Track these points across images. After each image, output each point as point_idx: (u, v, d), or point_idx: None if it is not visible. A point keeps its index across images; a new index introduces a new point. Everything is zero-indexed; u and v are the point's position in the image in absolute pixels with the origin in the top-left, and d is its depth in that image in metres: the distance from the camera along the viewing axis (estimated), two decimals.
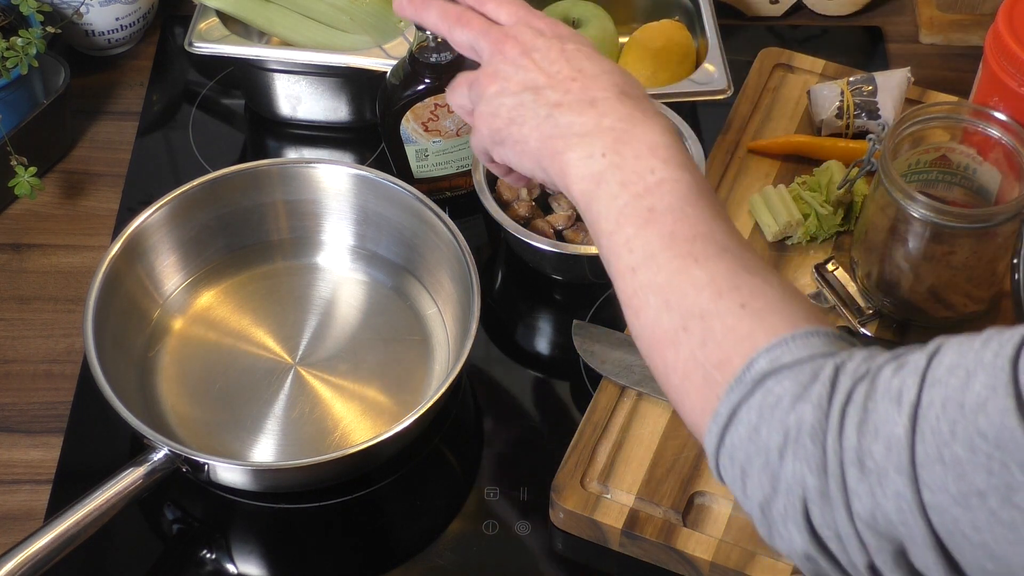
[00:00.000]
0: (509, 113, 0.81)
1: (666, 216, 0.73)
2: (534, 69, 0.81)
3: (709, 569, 0.94)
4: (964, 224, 0.98)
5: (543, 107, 0.79)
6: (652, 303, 0.72)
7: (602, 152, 0.76)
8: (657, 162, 0.75)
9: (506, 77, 0.82)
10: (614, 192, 0.75)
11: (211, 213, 1.10)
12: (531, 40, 0.82)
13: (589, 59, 0.81)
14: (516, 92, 0.81)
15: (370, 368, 1.07)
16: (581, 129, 0.77)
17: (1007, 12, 1.08)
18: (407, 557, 0.99)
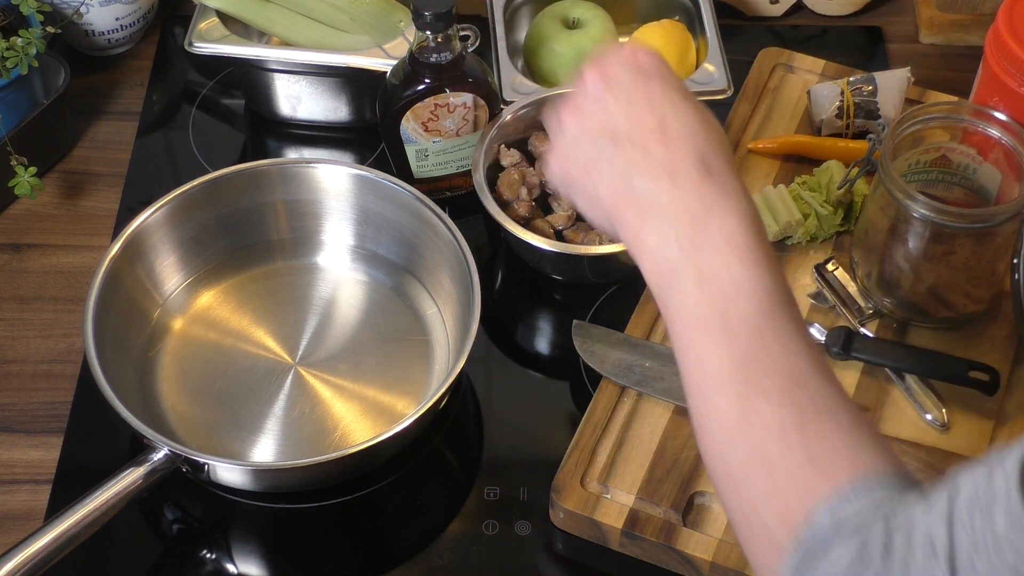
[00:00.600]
0: (585, 162, 0.78)
1: (741, 334, 0.69)
2: (615, 109, 0.76)
3: (709, 569, 0.94)
4: (964, 224, 0.98)
5: (620, 163, 0.75)
6: (717, 436, 0.69)
7: (676, 238, 0.72)
8: (735, 260, 0.71)
9: (586, 114, 0.78)
10: (688, 291, 0.71)
11: (211, 213, 1.10)
12: (614, 71, 0.78)
13: (674, 107, 0.76)
14: (595, 137, 0.77)
15: (370, 368, 1.07)
16: (656, 201, 0.73)
17: (1007, 12, 1.08)
18: (407, 557, 0.99)
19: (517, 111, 1.14)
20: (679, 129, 0.75)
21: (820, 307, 1.08)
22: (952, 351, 1.04)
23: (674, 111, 0.75)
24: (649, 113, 0.75)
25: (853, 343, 1.03)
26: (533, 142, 1.15)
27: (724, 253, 0.71)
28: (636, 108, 0.76)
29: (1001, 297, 1.07)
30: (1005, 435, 1.00)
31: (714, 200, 0.72)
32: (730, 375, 0.69)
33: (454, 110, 1.12)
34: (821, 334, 1.04)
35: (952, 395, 1.02)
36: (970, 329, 1.07)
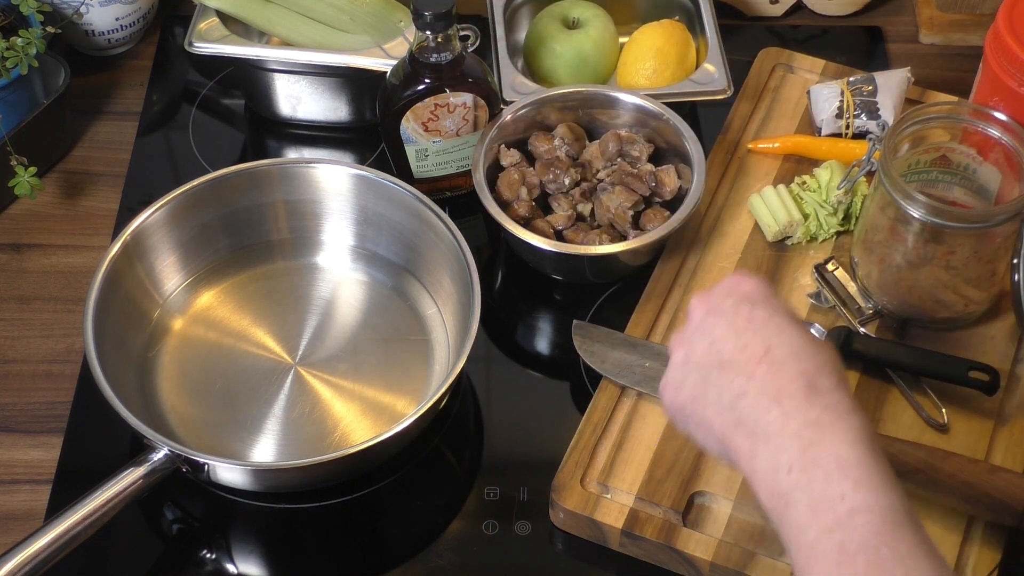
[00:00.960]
0: (692, 390, 0.78)
1: (858, 559, 0.67)
2: (719, 336, 0.77)
3: (709, 569, 0.94)
4: (964, 224, 0.98)
5: (727, 393, 0.75)
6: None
7: (788, 467, 0.71)
8: (848, 485, 0.69)
9: (691, 344, 0.79)
10: (803, 522, 0.70)
11: (211, 213, 1.10)
12: (718, 301, 0.79)
13: (779, 332, 0.76)
14: (701, 366, 0.78)
15: (370, 368, 1.07)
16: (765, 427, 0.73)
17: (1007, 12, 1.08)
18: (407, 557, 0.99)
19: (517, 111, 1.14)
20: (784, 352, 0.75)
21: (820, 307, 1.08)
22: (952, 351, 1.04)
23: (779, 334, 0.76)
24: (753, 338, 0.76)
25: (853, 343, 1.03)
26: (533, 142, 1.15)
27: (836, 478, 0.70)
28: (740, 335, 0.76)
29: (1001, 297, 1.07)
30: (1005, 435, 1.00)
31: (823, 422, 0.72)
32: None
33: (454, 110, 1.12)
34: (821, 334, 1.04)
35: (952, 395, 1.02)
36: (970, 329, 1.07)
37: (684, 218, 1.07)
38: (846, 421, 0.72)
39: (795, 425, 0.72)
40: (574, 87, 1.16)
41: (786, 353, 0.75)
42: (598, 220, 1.12)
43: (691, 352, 0.79)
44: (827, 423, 0.71)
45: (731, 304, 0.78)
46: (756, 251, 1.12)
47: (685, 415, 0.80)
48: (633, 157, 1.14)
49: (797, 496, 0.70)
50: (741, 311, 0.77)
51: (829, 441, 0.71)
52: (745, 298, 0.78)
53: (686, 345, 0.79)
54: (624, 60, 1.23)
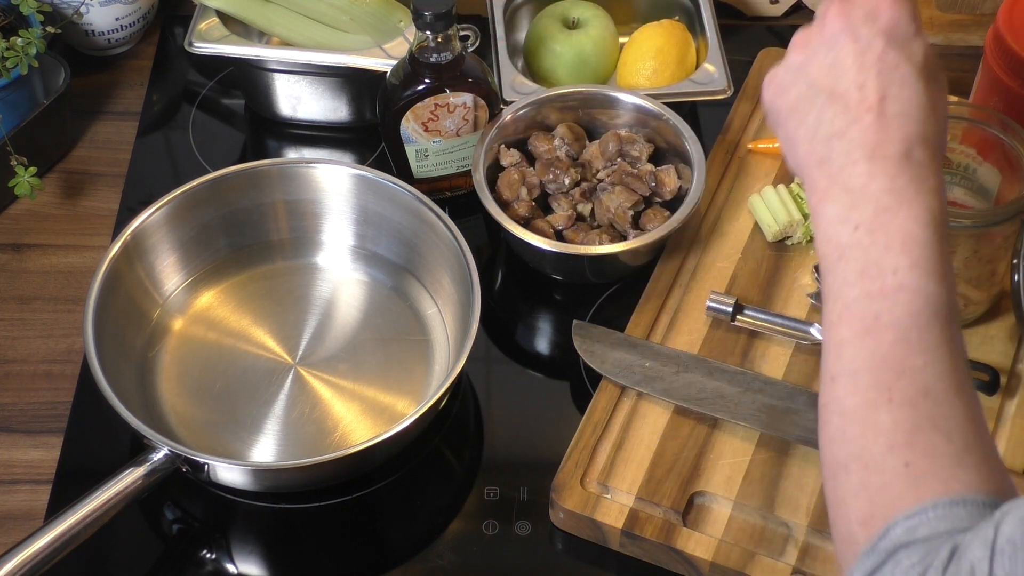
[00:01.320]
0: (795, 103, 0.76)
1: (887, 332, 0.68)
2: (842, 62, 0.74)
3: (709, 569, 0.94)
4: (964, 224, 0.98)
5: (826, 126, 0.74)
6: (832, 424, 0.70)
7: (855, 222, 0.71)
8: (905, 261, 0.69)
9: (813, 54, 0.76)
10: (850, 279, 0.70)
11: (211, 213, 1.10)
12: (858, 24, 0.75)
13: (902, 84, 0.73)
14: (813, 82, 0.76)
15: (370, 368, 1.07)
16: (848, 181, 0.72)
17: (1007, 12, 1.08)
18: (407, 557, 0.99)
19: (517, 111, 1.14)
20: (897, 108, 0.72)
21: (820, 307, 1.08)
22: None
23: (900, 86, 0.73)
24: (874, 81, 0.73)
25: None
26: (533, 142, 1.15)
27: (896, 251, 0.69)
28: (863, 71, 0.73)
29: (1001, 297, 1.07)
30: (1005, 435, 1.00)
31: (904, 196, 0.70)
32: (862, 371, 0.68)
33: (454, 110, 1.12)
34: (821, 334, 1.04)
35: None
36: (970, 329, 1.07)
37: (684, 218, 1.07)
38: (926, 199, 0.71)
39: (877, 187, 0.71)
40: (574, 87, 1.17)
41: (899, 110, 0.72)
42: (598, 220, 1.12)
43: (810, 62, 0.76)
44: (909, 195, 0.70)
45: (868, 33, 0.74)
46: (756, 251, 1.12)
47: (777, 120, 0.78)
48: (633, 157, 1.14)
49: (854, 254, 0.70)
50: (875, 45, 0.74)
51: (904, 213, 0.70)
52: (884, 32, 0.74)
53: (808, 52, 0.76)
54: (624, 60, 1.23)
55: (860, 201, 0.71)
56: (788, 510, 0.96)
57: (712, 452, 0.99)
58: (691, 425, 1.00)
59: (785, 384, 1.01)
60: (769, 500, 0.96)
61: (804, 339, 1.05)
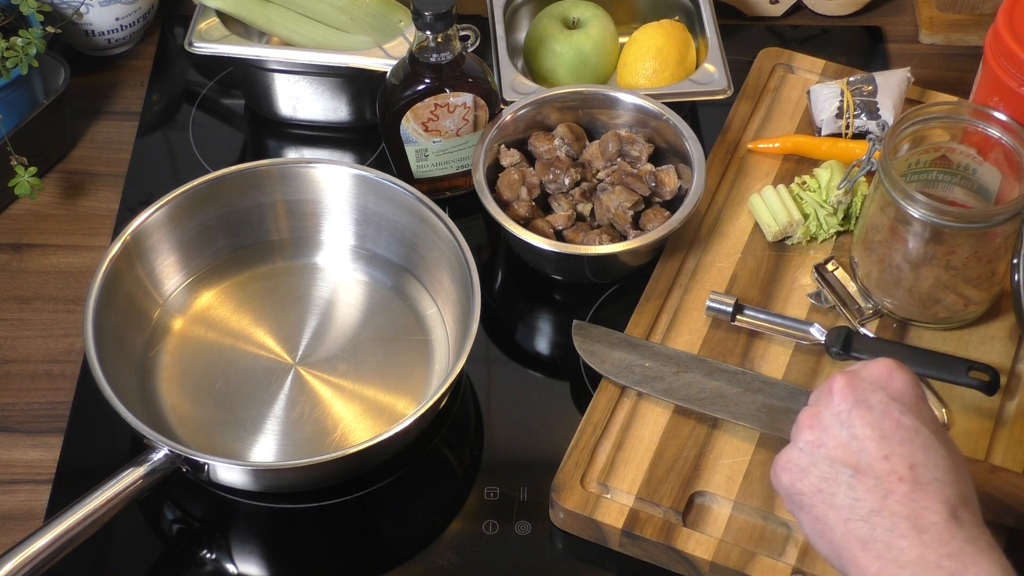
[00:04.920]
0: (818, 483, 0.74)
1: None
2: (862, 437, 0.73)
3: (709, 569, 0.94)
4: (964, 224, 0.98)
5: (859, 501, 0.72)
6: None
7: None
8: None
9: (828, 431, 0.74)
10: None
11: (211, 213, 1.10)
12: (868, 394, 0.74)
13: (926, 450, 0.72)
14: (834, 460, 0.73)
15: (370, 368, 1.07)
16: (901, 557, 0.69)
17: (1007, 12, 1.08)
18: (407, 557, 0.99)
19: (517, 111, 1.14)
20: (928, 475, 0.71)
21: (820, 307, 1.08)
22: (952, 351, 1.04)
23: (925, 453, 0.72)
24: (898, 450, 0.72)
25: (853, 343, 1.03)
26: (533, 142, 1.15)
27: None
28: (884, 442, 0.72)
29: (1001, 297, 1.07)
30: (1005, 435, 1.00)
31: (965, 554, 0.68)
32: None
33: (454, 110, 1.12)
34: (821, 334, 1.04)
35: (952, 395, 1.02)
36: (970, 329, 1.07)
37: (684, 218, 1.07)
38: (988, 555, 0.69)
39: (935, 556, 0.69)
40: (574, 87, 1.16)
41: (931, 477, 0.71)
42: (598, 220, 1.12)
43: (825, 439, 0.74)
44: (969, 556, 0.68)
45: (880, 401, 0.74)
46: (756, 251, 1.12)
47: (800, 503, 0.76)
48: (633, 157, 1.14)
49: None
50: (890, 413, 0.73)
51: (972, 572, 0.68)
52: (896, 398, 0.74)
53: (820, 429, 0.75)
54: (624, 60, 1.23)
55: (923, 573, 0.69)
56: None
57: (712, 452, 0.99)
58: (691, 425, 1.00)
59: (785, 384, 1.01)
60: (769, 500, 0.96)
61: (804, 339, 1.05)
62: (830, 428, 0.75)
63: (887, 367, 0.76)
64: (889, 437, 0.72)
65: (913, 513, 0.70)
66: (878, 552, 0.71)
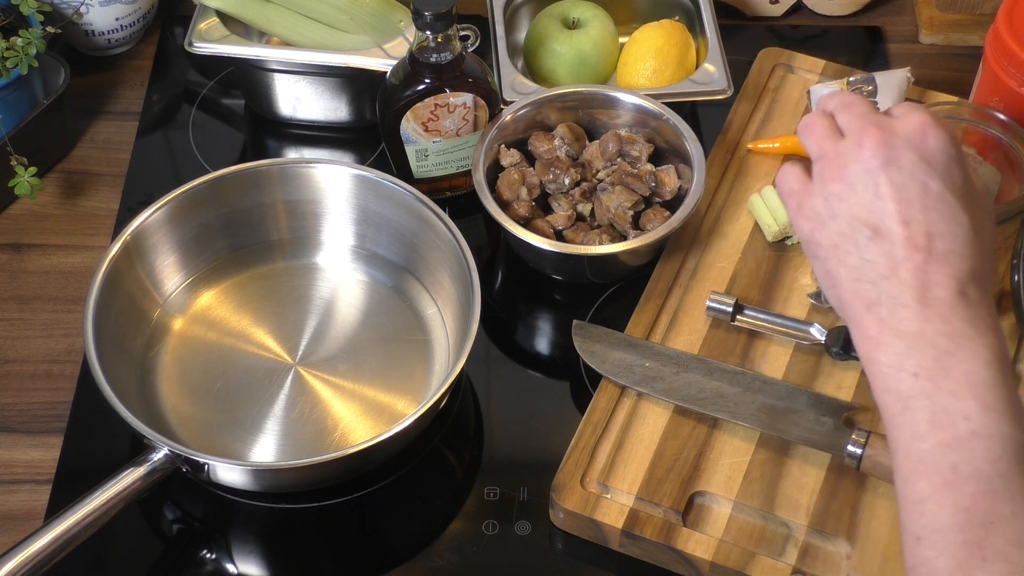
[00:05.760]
0: (836, 239, 0.73)
1: (968, 483, 0.65)
2: (884, 196, 0.71)
3: (709, 569, 0.94)
4: None
5: (871, 262, 0.71)
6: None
7: (914, 368, 0.68)
8: (975, 406, 0.66)
9: (851, 185, 0.72)
10: (919, 431, 0.67)
11: (211, 213, 1.10)
12: (900, 153, 0.72)
13: (948, 216, 0.70)
14: (853, 217, 0.72)
15: (370, 368, 1.07)
16: (900, 326, 0.69)
17: (1007, 12, 1.08)
18: (407, 557, 0.99)
19: (517, 111, 1.14)
20: (946, 246, 0.70)
21: (820, 307, 1.08)
22: None
23: (947, 221, 0.70)
24: (919, 216, 0.70)
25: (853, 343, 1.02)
26: (533, 142, 1.15)
27: (964, 396, 0.66)
28: (907, 205, 0.71)
29: (1001, 297, 1.07)
30: None
31: (963, 335, 0.68)
32: (948, 528, 0.65)
33: (454, 110, 1.12)
34: (821, 334, 1.04)
35: None
36: None
37: (684, 218, 1.07)
38: (986, 338, 0.68)
39: (932, 332, 0.68)
40: (574, 87, 1.17)
41: (948, 248, 0.70)
42: (598, 220, 1.12)
43: (848, 194, 0.72)
44: (968, 336, 0.67)
45: (910, 162, 0.71)
46: (756, 251, 1.12)
47: (815, 253, 0.75)
48: (633, 157, 1.14)
49: (919, 403, 0.67)
50: (918, 176, 0.71)
51: (966, 356, 0.67)
52: (927, 160, 0.71)
53: (846, 183, 0.72)
54: (624, 60, 1.23)
55: (917, 346, 0.68)
56: (788, 510, 0.96)
57: (712, 452, 0.99)
58: (691, 425, 1.00)
59: (785, 384, 1.01)
60: (769, 500, 0.96)
61: (804, 339, 1.05)
62: (856, 184, 0.72)
63: (922, 123, 0.73)
64: (913, 202, 0.71)
65: (921, 284, 0.69)
66: (880, 316, 0.70)
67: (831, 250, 0.74)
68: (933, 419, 0.67)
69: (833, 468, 0.97)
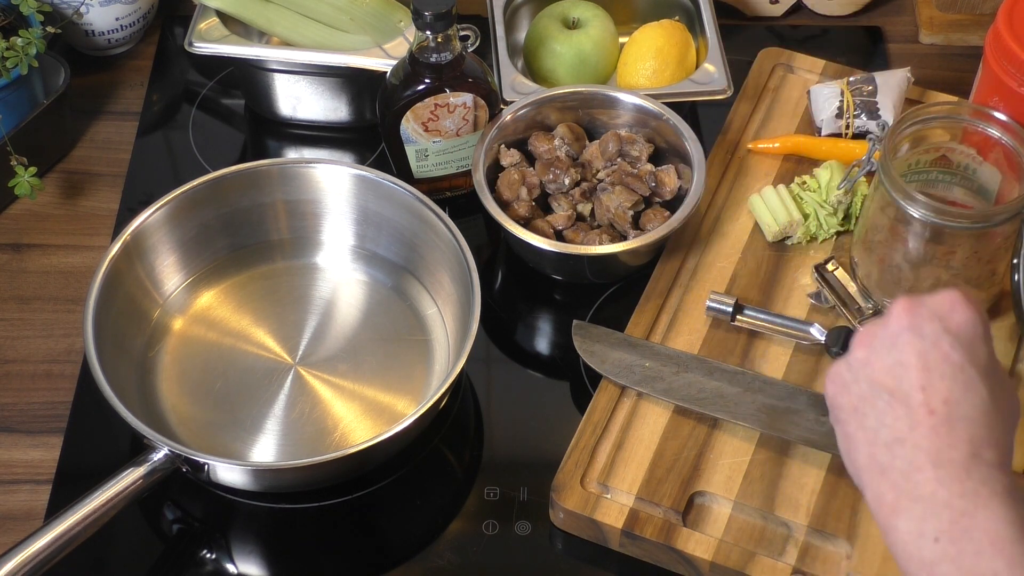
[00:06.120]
0: (855, 401, 0.75)
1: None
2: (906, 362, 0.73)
3: (709, 569, 0.94)
4: (964, 224, 0.98)
5: (886, 426, 0.72)
6: None
7: (935, 536, 0.68)
8: (1002, 563, 0.66)
9: (876, 352, 0.75)
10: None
11: (211, 213, 1.10)
12: (924, 323, 0.74)
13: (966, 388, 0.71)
14: (874, 382, 0.74)
15: (370, 368, 1.07)
16: (915, 490, 0.70)
17: (1007, 12, 1.08)
18: (407, 557, 0.99)
19: (517, 111, 1.14)
20: (960, 412, 0.71)
21: (820, 307, 1.08)
22: None
23: (964, 390, 0.72)
24: (938, 383, 0.72)
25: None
26: (533, 142, 1.15)
27: (988, 555, 0.67)
28: (927, 372, 0.72)
29: (1001, 297, 1.07)
30: None
31: (977, 495, 0.68)
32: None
33: (454, 110, 1.12)
34: (821, 334, 1.04)
35: None
36: None
37: (684, 218, 1.07)
38: (1001, 499, 0.69)
39: (947, 494, 0.69)
40: (574, 87, 1.16)
41: (962, 414, 0.71)
42: (598, 220, 1.12)
43: (872, 360, 0.75)
44: (983, 496, 0.68)
45: (933, 332, 0.73)
46: (756, 251, 1.12)
47: (837, 417, 0.77)
48: (633, 157, 1.14)
49: (944, 568, 0.68)
50: (940, 345, 0.73)
51: (984, 515, 0.68)
52: (951, 331, 0.73)
53: (870, 349, 0.75)
54: (624, 60, 1.23)
55: (933, 510, 0.69)
56: (788, 510, 0.96)
57: (712, 452, 0.99)
58: (691, 425, 1.00)
59: (785, 384, 1.01)
60: (769, 500, 0.96)
61: (804, 339, 1.05)
62: (879, 350, 0.75)
63: (950, 299, 0.75)
64: (932, 369, 0.72)
65: (935, 448, 0.70)
66: (894, 482, 0.71)
67: (851, 413, 0.75)
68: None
69: (833, 468, 0.97)
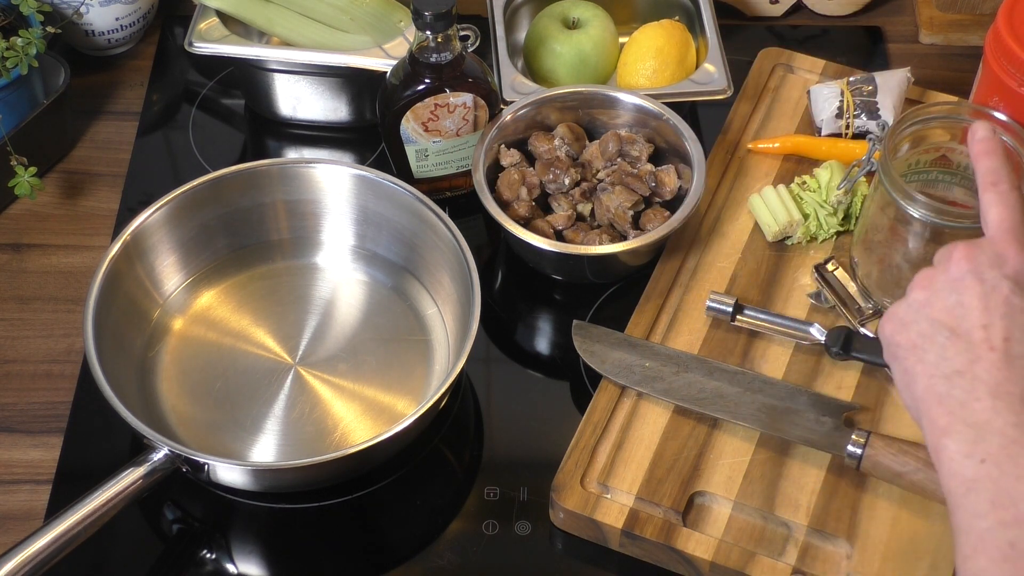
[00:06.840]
0: (915, 339, 0.78)
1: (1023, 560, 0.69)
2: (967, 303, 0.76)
3: (709, 569, 0.94)
4: (964, 224, 0.98)
5: (947, 360, 0.76)
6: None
7: (982, 458, 0.72)
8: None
9: (937, 293, 0.78)
10: (981, 510, 0.71)
11: (211, 213, 1.10)
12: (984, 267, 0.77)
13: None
14: (935, 321, 0.77)
15: (370, 368, 1.07)
16: (970, 417, 0.73)
17: (1007, 12, 1.08)
18: (407, 557, 0.99)
19: (517, 111, 1.14)
20: (1020, 351, 0.74)
21: (820, 307, 1.08)
22: None
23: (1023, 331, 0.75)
24: (999, 322, 0.75)
25: (853, 343, 1.03)
26: (533, 142, 1.15)
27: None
28: (988, 312, 0.75)
29: None
30: None
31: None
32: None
33: (454, 110, 1.12)
34: (821, 334, 1.04)
35: None
36: None
37: (684, 218, 1.07)
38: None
39: (1003, 421, 0.72)
40: (574, 87, 1.17)
41: (1021, 352, 0.74)
42: (598, 220, 1.12)
43: (933, 300, 0.77)
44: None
45: (994, 276, 0.76)
46: (756, 251, 1.12)
47: (895, 354, 0.80)
48: (633, 157, 1.14)
49: (983, 485, 0.71)
50: (1001, 289, 0.76)
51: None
52: (1010, 276, 0.76)
53: (931, 291, 0.78)
54: (624, 60, 1.23)
55: (985, 435, 0.72)
56: (788, 510, 0.96)
57: (712, 452, 0.99)
58: (691, 425, 1.00)
59: (785, 384, 1.01)
60: (769, 500, 0.96)
61: (804, 339, 1.05)
62: (940, 292, 0.78)
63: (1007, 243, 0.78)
64: (993, 309, 0.75)
65: (994, 380, 0.73)
66: (950, 408, 0.74)
67: (910, 350, 0.78)
68: (995, 500, 0.71)
69: (833, 468, 0.97)
